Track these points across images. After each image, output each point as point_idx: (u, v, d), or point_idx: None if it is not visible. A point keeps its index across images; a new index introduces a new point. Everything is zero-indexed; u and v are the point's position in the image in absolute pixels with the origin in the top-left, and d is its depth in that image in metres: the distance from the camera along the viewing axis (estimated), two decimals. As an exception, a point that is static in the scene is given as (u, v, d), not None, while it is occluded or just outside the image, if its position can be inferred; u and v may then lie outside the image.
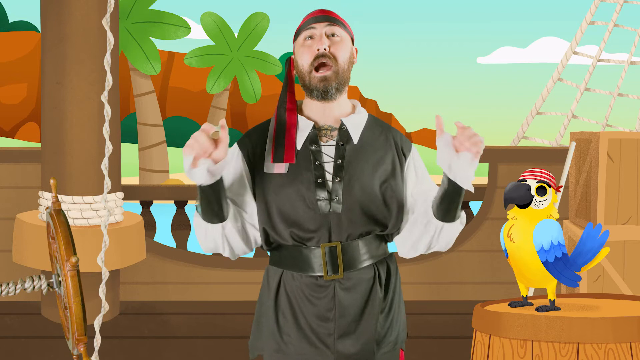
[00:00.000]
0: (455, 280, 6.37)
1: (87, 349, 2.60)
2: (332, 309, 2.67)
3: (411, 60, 44.02)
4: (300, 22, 2.77)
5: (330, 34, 2.71)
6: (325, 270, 2.66)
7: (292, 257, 2.70)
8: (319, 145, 2.70)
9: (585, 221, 5.70)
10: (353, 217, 2.67)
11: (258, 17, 20.65)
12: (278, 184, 2.67)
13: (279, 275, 2.72)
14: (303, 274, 2.68)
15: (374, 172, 2.70)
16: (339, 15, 2.77)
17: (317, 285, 2.68)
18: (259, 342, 2.78)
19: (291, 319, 2.70)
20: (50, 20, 5.50)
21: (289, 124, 2.70)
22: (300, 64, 2.72)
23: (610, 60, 17.42)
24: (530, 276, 3.14)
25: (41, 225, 5.37)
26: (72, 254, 2.54)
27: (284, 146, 2.67)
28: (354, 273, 2.69)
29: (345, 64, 2.71)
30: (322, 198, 2.64)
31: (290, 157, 2.66)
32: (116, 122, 5.52)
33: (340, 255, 2.66)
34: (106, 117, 3.74)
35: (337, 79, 2.69)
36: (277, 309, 2.72)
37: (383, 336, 2.74)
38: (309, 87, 2.71)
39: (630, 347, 2.98)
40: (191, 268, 6.31)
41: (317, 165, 2.68)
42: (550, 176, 3.11)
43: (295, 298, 2.70)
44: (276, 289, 2.72)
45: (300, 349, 2.69)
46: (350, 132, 2.73)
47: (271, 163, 2.68)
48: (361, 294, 2.70)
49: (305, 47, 2.71)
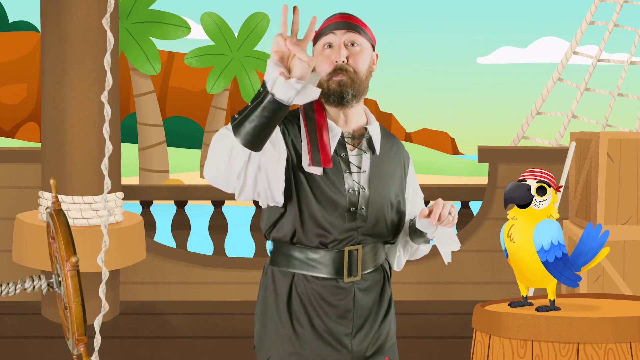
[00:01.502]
0: (455, 280, 6.37)
1: (87, 349, 2.60)
2: (352, 310, 2.72)
3: (411, 60, 44.13)
4: (321, 25, 2.73)
5: (350, 42, 2.68)
6: (346, 273, 2.70)
7: (309, 259, 2.70)
8: (347, 153, 2.72)
9: (585, 221, 5.69)
10: (374, 227, 2.72)
11: (258, 17, 20.64)
12: (313, 187, 2.66)
13: (289, 279, 2.72)
14: (320, 276, 2.70)
15: (391, 183, 2.77)
16: (360, 20, 2.73)
17: (336, 287, 2.71)
18: (266, 346, 2.76)
19: (306, 322, 2.71)
20: (50, 20, 5.50)
21: (319, 126, 2.69)
22: (318, 71, 2.69)
23: (610, 60, 17.42)
24: (530, 276, 3.14)
25: (41, 225, 5.37)
26: (72, 254, 2.55)
27: (319, 149, 2.66)
28: (368, 275, 2.75)
29: (363, 75, 2.69)
30: (351, 208, 2.67)
31: (327, 161, 2.65)
32: (116, 122, 5.52)
33: (360, 258, 2.71)
34: (106, 117, 3.74)
35: (353, 86, 2.67)
36: (290, 313, 2.72)
37: (388, 330, 2.83)
38: (326, 93, 2.68)
39: (630, 347, 2.98)
40: (191, 268, 6.31)
41: (347, 174, 2.69)
42: (550, 176, 3.11)
43: (310, 300, 2.70)
44: (288, 293, 2.71)
45: (317, 350, 2.70)
46: (374, 141, 2.75)
47: (310, 165, 2.66)
48: (375, 294, 2.77)
49: (324, 56, 2.69)
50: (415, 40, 40.80)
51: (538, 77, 41.24)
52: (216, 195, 6.55)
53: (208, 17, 20.11)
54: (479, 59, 41.93)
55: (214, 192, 6.55)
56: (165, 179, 19.90)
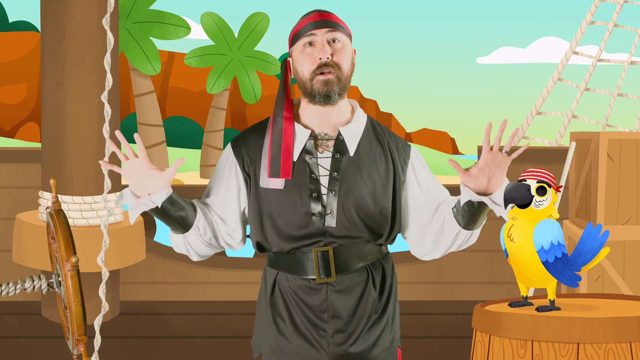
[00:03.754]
0: (455, 280, 6.37)
1: (87, 349, 2.60)
2: (325, 311, 2.68)
3: (411, 60, 44.10)
4: (298, 24, 2.69)
5: (331, 39, 2.65)
6: (318, 274, 2.67)
7: (286, 260, 2.71)
8: (315, 156, 2.66)
9: (585, 221, 5.69)
10: (346, 230, 2.66)
11: (258, 17, 20.65)
12: (273, 197, 2.65)
13: (274, 276, 2.74)
14: (296, 277, 2.69)
15: (369, 184, 2.68)
16: (337, 17, 2.70)
17: (309, 287, 2.69)
18: (258, 341, 2.80)
19: (288, 319, 2.71)
20: (50, 20, 5.50)
21: (285, 135, 2.65)
22: (300, 71, 2.66)
23: (610, 60, 17.42)
24: (530, 276, 3.14)
25: (41, 225, 5.37)
26: (72, 254, 2.54)
27: (281, 160, 2.64)
28: (346, 276, 2.69)
29: (348, 71, 2.67)
30: (316, 212, 2.64)
31: (286, 172, 2.63)
32: (116, 122, 5.52)
33: (332, 259, 2.66)
34: (106, 117, 3.74)
35: (340, 84, 2.65)
36: (273, 309, 2.73)
37: (378, 336, 2.73)
38: (310, 93, 2.65)
39: (630, 347, 2.98)
40: (191, 268, 6.31)
41: (312, 178, 2.65)
42: (550, 176, 3.11)
43: (290, 299, 2.71)
44: (272, 290, 2.73)
45: (298, 348, 2.70)
46: (347, 142, 2.68)
47: (267, 177, 2.65)
48: (354, 296, 2.70)
49: (305, 54, 2.65)
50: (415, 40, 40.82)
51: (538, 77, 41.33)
52: (216, 195, 6.54)
53: (208, 17, 20.10)
54: (479, 59, 42.01)
55: (214, 192, 6.54)
56: (165, 179, 19.87)
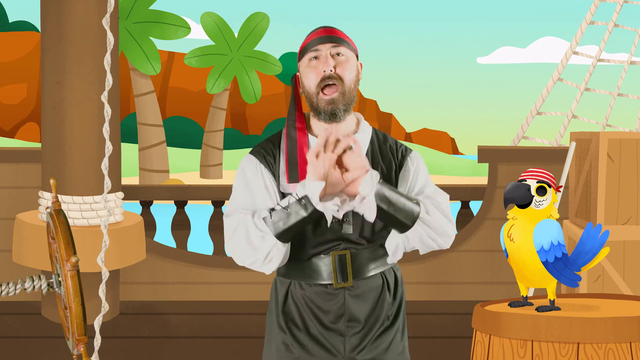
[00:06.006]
0: (455, 280, 6.37)
1: (87, 349, 2.60)
2: (342, 316, 2.72)
3: (411, 60, 44.11)
4: (304, 41, 2.77)
5: (335, 53, 2.71)
6: (335, 278, 2.71)
7: (301, 266, 2.74)
8: None
9: (585, 221, 5.69)
10: (362, 235, 2.72)
11: (258, 17, 20.66)
12: None
13: (286, 286, 2.77)
14: (312, 283, 2.72)
15: None
16: (342, 33, 2.77)
17: (326, 293, 2.72)
18: (268, 353, 2.82)
19: (303, 328, 2.74)
20: (50, 20, 5.50)
21: (300, 144, 2.71)
22: (307, 85, 2.72)
23: (610, 60, 17.42)
24: (530, 276, 3.14)
25: (41, 225, 5.37)
26: (72, 254, 2.54)
27: (298, 166, 2.68)
28: (362, 281, 2.74)
29: (351, 84, 2.71)
30: (334, 220, 2.68)
31: (304, 177, 2.66)
32: (116, 122, 5.52)
33: (349, 263, 2.71)
34: (106, 117, 3.74)
35: (344, 100, 2.70)
36: (286, 319, 2.75)
37: (391, 341, 2.78)
38: (316, 109, 2.71)
39: (630, 347, 2.98)
40: (191, 268, 6.31)
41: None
42: (550, 176, 3.11)
43: (303, 307, 2.74)
44: (284, 299, 2.76)
45: (312, 353, 2.73)
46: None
47: (287, 183, 2.69)
48: (370, 302, 2.75)
49: (310, 67, 2.71)
50: (415, 40, 40.97)
51: (538, 77, 41.49)
52: (216, 195, 6.55)
53: (208, 17, 20.11)
54: (479, 59, 42.10)
55: (214, 192, 6.55)
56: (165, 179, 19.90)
